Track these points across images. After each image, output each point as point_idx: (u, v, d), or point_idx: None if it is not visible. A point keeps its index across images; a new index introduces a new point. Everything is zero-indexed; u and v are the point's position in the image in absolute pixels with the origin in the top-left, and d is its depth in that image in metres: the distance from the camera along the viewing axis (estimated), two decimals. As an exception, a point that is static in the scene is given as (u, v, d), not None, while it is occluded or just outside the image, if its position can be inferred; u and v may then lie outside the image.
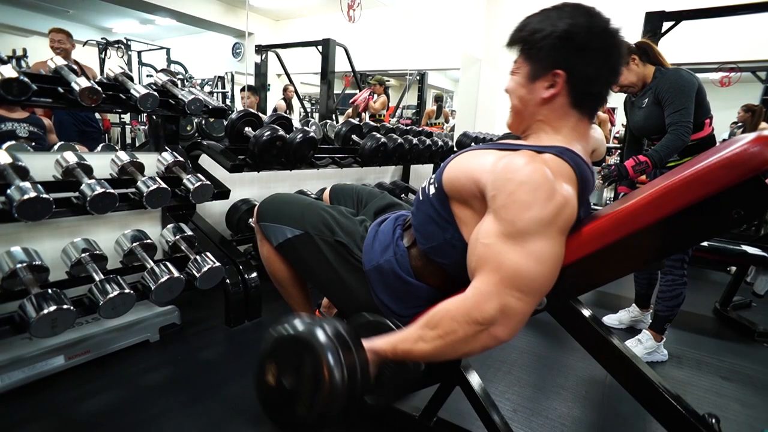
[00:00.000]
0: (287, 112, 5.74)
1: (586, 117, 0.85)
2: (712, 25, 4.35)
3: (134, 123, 4.69)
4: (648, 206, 0.74)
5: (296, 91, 5.99)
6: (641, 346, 1.84)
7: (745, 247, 2.35)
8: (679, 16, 3.37)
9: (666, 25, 3.38)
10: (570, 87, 0.81)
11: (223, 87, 6.55)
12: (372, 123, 3.03)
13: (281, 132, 2.02)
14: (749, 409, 1.51)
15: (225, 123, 2.23)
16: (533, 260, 0.71)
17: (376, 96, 5.43)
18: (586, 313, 0.91)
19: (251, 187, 2.52)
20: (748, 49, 4.50)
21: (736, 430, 1.40)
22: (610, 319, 2.20)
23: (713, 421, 0.84)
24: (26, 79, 1.33)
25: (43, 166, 1.56)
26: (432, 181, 0.92)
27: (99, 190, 1.41)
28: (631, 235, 0.76)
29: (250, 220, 2.24)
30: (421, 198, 0.94)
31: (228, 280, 1.88)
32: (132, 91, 1.60)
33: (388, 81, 9.64)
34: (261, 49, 5.95)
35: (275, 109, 5.83)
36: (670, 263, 1.78)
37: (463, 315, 0.72)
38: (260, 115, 2.25)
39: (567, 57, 0.79)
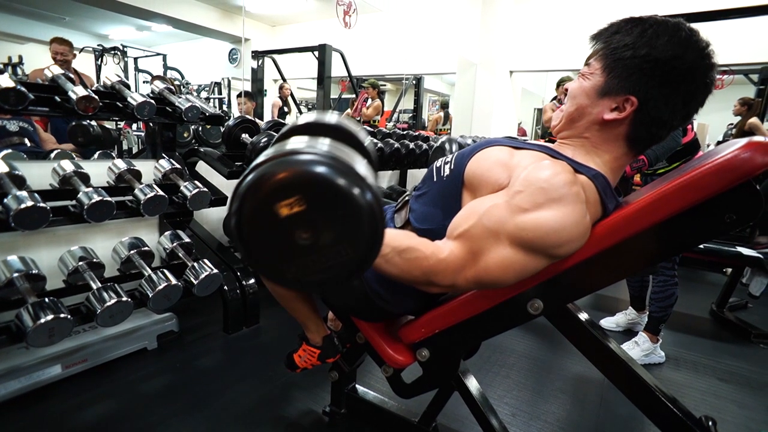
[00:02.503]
0: (283, 109, 5.71)
1: (632, 154, 0.80)
2: (704, 29, 4.39)
3: (125, 126, 4.70)
4: (643, 211, 0.75)
5: (291, 93, 5.99)
6: (638, 348, 1.85)
7: (740, 249, 2.37)
8: (671, 21, 3.41)
9: (659, 29, 3.42)
10: (635, 119, 0.75)
11: (220, 93, 6.57)
12: (367, 128, 3.03)
13: (278, 138, 2.03)
14: (746, 411, 1.52)
15: (222, 129, 2.23)
16: (503, 267, 0.72)
17: (369, 101, 5.28)
18: (583, 317, 0.92)
19: (248, 193, 2.52)
20: (740, 53, 4.55)
21: (734, 431, 1.41)
22: (607, 322, 2.21)
23: (710, 423, 0.84)
24: (23, 89, 1.34)
25: (40, 174, 1.56)
26: (448, 161, 0.88)
27: (96, 198, 1.41)
28: (627, 240, 0.77)
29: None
30: (434, 178, 0.90)
31: (226, 287, 1.88)
32: (129, 99, 1.60)
33: (384, 85, 9.67)
34: (257, 55, 5.97)
35: (273, 107, 5.85)
36: (661, 264, 1.80)
37: (430, 271, 0.74)
38: (257, 121, 2.26)
39: (650, 87, 0.72)
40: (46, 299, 1.29)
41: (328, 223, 0.55)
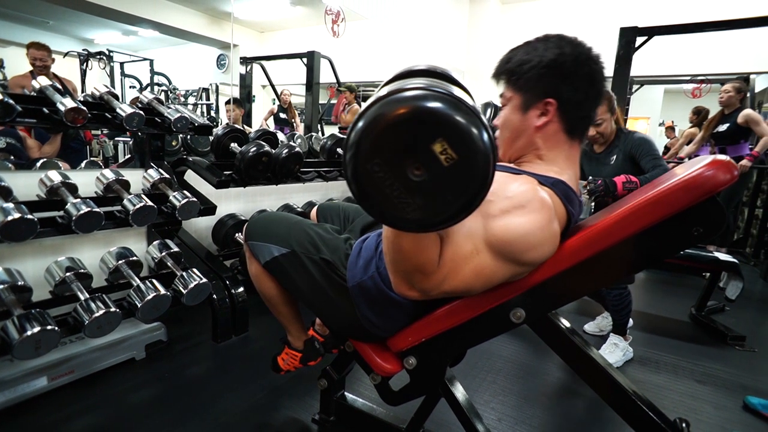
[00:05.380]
0: (279, 115, 5.65)
1: (577, 142, 0.89)
2: (683, 40, 4.56)
3: (102, 136, 4.62)
4: (617, 225, 0.79)
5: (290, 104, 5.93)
6: (618, 350, 1.91)
7: (716, 254, 2.45)
8: (651, 32, 3.54)
9: (639, 40, 3.54)
10: (561, 113, 0.84)
11: (208, 98, 6.53)
12: (342, 135, 2.99)
13: (267, 148, 2.04)
14: (721, 411, 1.58)
15: (210, 138, 2.24)
16: (475, 272, 0.76)
17: (347, 105, 5.11)
18: (564, 325, 0.95)
19: (237, 201, 2.53)
20: (717, 63, 4.72)
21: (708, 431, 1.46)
22: (590, 327, 2.26)
23: (684, 425, 0.88)
24: (11, 101, 1.33)
25: (26, 184, 1.55)
26: None
27: (84, 209, 1.41)
28: (603, 252, 0.81)
29: (237, 234, 2.25)
30: None
31: (215, 296, 1.89)
32: (118, 110, 1.61)
33: (373, 91, 9.71)
34: (246, 61, 5.96)
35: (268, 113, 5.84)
36: None
37: (421, 267, 0.74)
38: (246, 127, 2.27)
39: (556, 85, 0.83)
40: (33, 311, 1.28)
41: (465, 155, 0.55)
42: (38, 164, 1.89)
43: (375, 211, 0.60)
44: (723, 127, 3.57)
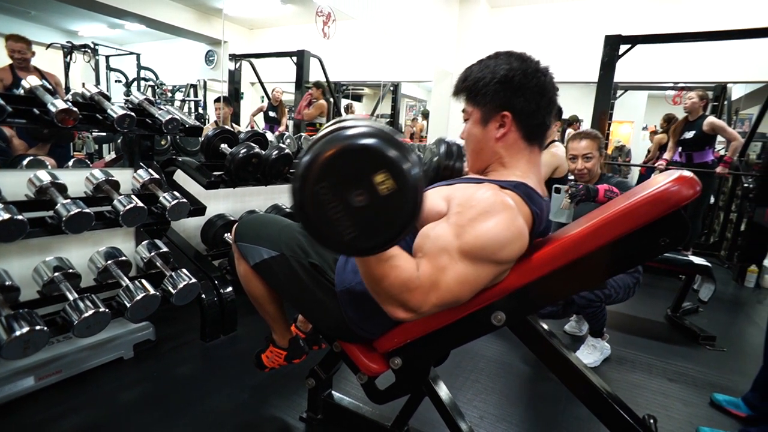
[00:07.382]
0: (268, 113, 5.63)
1: (536, 147, 0.95)
2: (665, 49, 4.70)
3: (84, 132, 4.53)
4: (590, 235, 0.84)
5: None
6: (597, 350, 1.98)
7: (691, 257, 2.55)
8: (635, 40, 3.65)
9: (623, 47, 3.65)
10: (518, 123, 0.91)
11: (196, 95, 6.46)
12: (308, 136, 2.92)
13: (257, 149, 2.06)
14: (690, 408, 1.66)
15: (201, 138, 2.25)
16: (460, 282, 0.80)
17: (313, 100, 5.05)
18: (542, 327, 1.01)
19: (226, 201, 2.54)
20: (697, 72, 4.87)
21: (677, 427, 1.53)
22: (570, 327, 2.34)
23: (651, 421, 0.95)
24: (1, 102, 1.33)
25: (14, 183, 1.55)
26: None
27: (75, 210, 1.42)
28: (577, 260, 0.86)
29: (226, 235, 2.26)
30: None
31: (203, 295, 1.90)
32: (109, 111, 1.61)
33: (362, 90, 9.71)
34: (235, 58, 5.93)
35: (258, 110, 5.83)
36: (585, 303, 1.89)
37: (405, 286, 0.78)
38: (236, 127, 2.28)
39: (509, 98, 0.89)
40: (21, 311, 1.29)
41: (402, 182, 0.62)
42: (24, 162, 1.87)
43: (316, 232, 0.66)
44: (689, 134, 3.73)
